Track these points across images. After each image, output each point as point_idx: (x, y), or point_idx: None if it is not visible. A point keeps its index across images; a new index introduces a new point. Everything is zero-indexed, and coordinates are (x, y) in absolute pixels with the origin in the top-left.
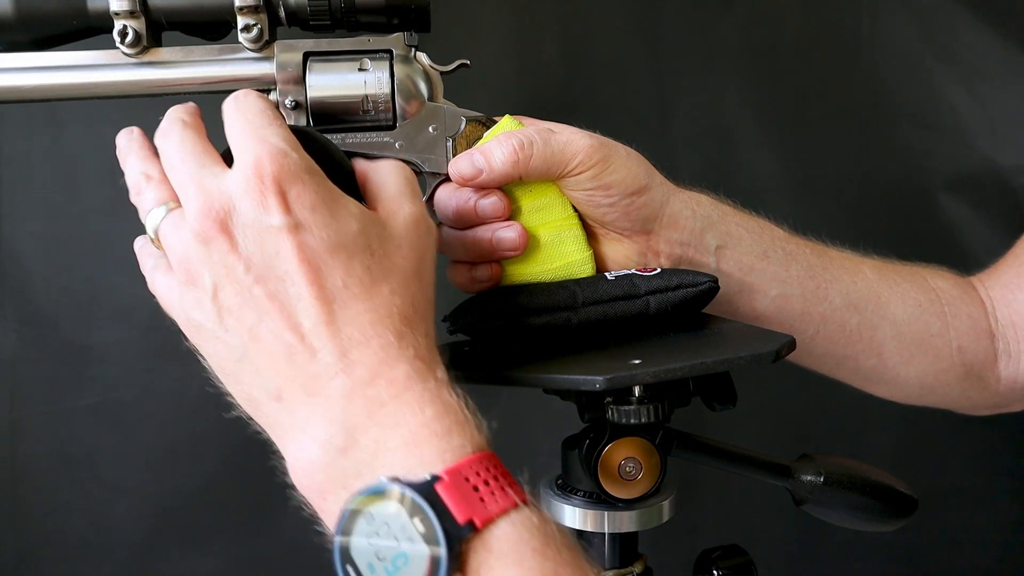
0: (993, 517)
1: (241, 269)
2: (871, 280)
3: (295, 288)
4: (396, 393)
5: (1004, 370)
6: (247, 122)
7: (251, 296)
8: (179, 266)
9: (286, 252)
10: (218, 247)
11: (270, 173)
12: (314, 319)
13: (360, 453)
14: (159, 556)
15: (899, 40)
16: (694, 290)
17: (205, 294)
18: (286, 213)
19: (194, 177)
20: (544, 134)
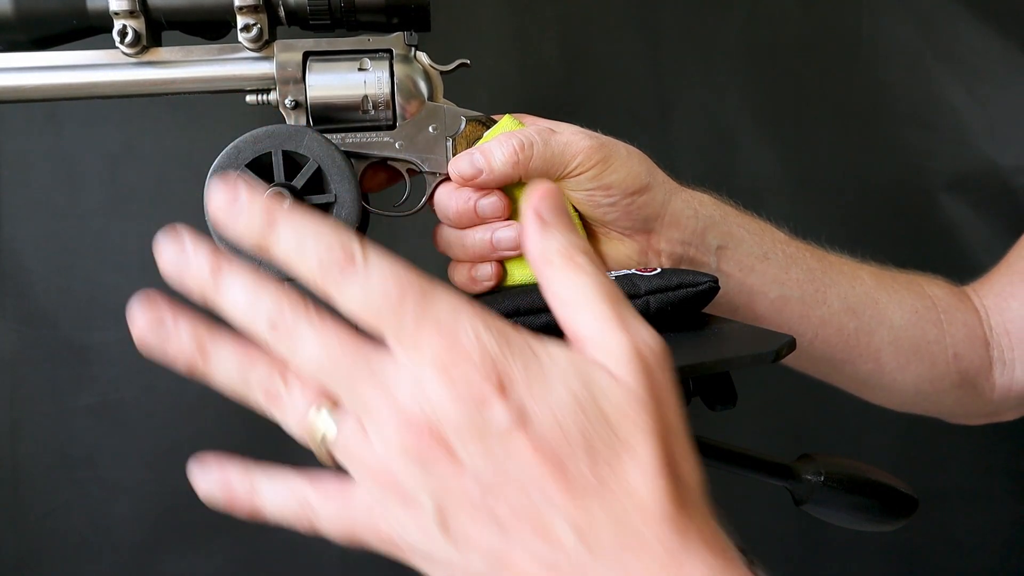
0: (993, 517)
1: (471, 488)
2: (869, 286)
3: (542, 494)
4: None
5: (999, 378)
6: (401, 303)
7: (491, 516)
8: (383, 485)
9: (521, 454)
10: (436, 465)
11: (471, 363)
12: (571, 528)
13: None
14: (159, 556)
15: (899, 40)
16: (694, 290)
17: (427, 517)
18: (507, 407)
19: (373, 383)
20: (544, 134)
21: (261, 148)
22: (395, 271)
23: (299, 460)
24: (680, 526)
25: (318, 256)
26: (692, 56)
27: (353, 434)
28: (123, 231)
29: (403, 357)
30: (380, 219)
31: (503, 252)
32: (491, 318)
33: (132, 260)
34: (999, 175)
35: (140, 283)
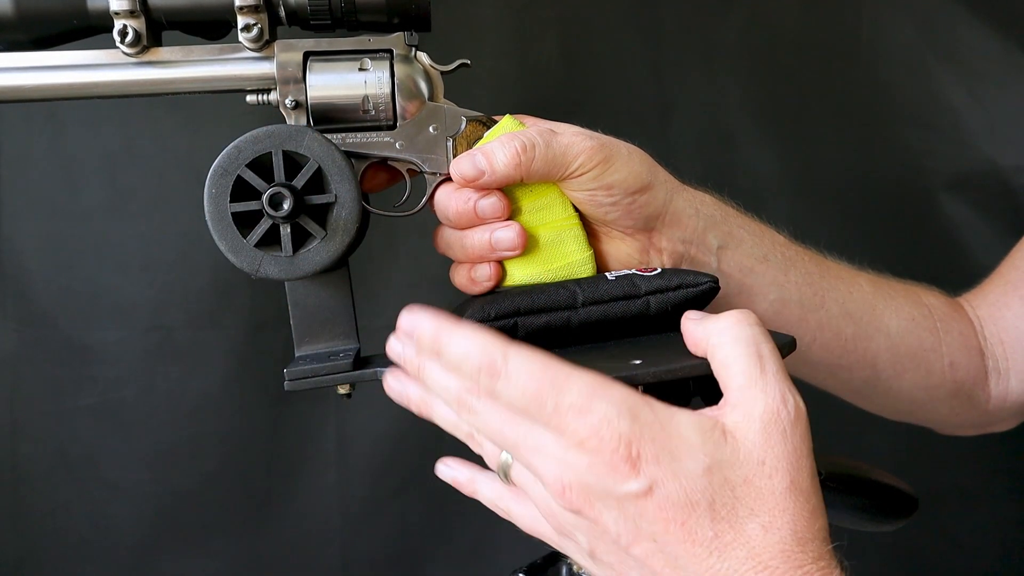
0: (993, 517)
1: (612, 537)
2: (867, 292)
3: (670, 548)
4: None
5: (994, 388)
6: (544, 397)
7: (629, 557)
8: (547, 516)
9: (648, 517)
10: (585, 517)
11: (605, 442)
12: (697, 572)
13: None
14: (159, 556)
15: (899, 40)
16: (694, 290)
17: (581, 550)
18: (635, 478)
19: (530, 456)
20: (546, 136)
21: (261, 148)
22: (532, 368)
23: (292, 460)
24: (787, 573)
25: (471, 369)
26: (692, 56)
27: (527, 480)
28: (123, 231)
29: (551, 439)
30: (380, 219)
31: (502, 252)
32: (622, 394)
33: (132, 260)
34: (999, 175)
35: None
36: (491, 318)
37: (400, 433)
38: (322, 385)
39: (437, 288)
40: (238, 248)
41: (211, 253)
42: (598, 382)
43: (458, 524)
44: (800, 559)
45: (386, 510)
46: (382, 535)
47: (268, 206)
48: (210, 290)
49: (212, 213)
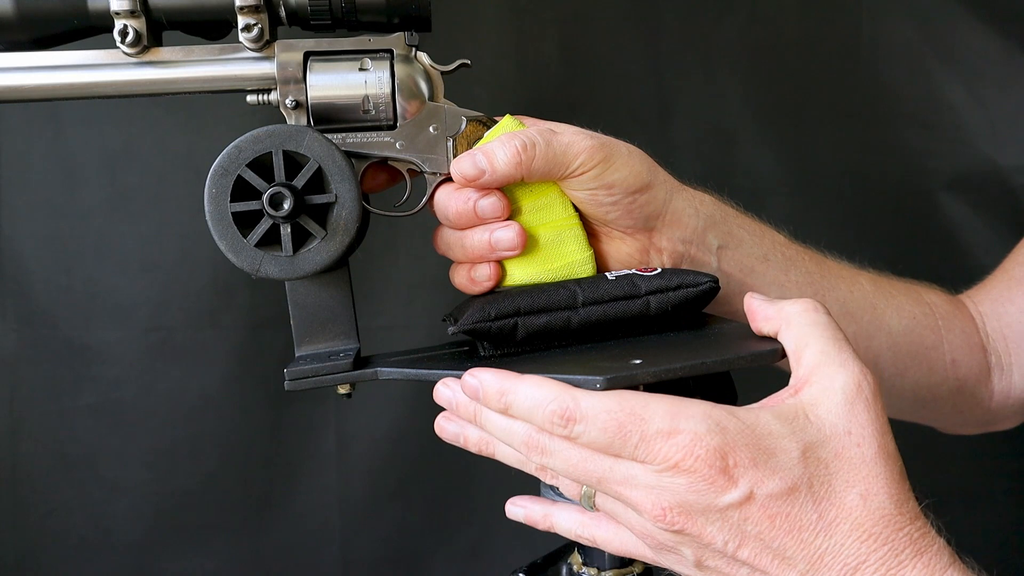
0: (993, 517)
1: (719, 546)
2: (868, 291)
3: (777, 542)
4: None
5: (997, 384)
6: (625, 438)
7: (736, 561)
8: (644, 538)
9: (752, 520)
10: (688, 534)
11: (701, 459)
12: (805, 561)
13: None
14: (159, 556)
15: (899, 40)
16: (694, 290)
17: (685, 562)
18: (734, 488)
19: (622, 487)
20: (546, 135)
21: (262, 148)
22: (608, 405)
23: (292, 460)
24: (887, 539)
25: (543, 419)
26: (692, 56)
27: (615, 507)
28: (123, 231)
29: (640, 468)
30: (380, 219)
31: (502, 252)
32: (704, 409)
33: (132, 260)
34: (999, 175)
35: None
36: (491, 318)
37: (400, 433)
38: (322, 385)
39: (437, 288)
40: (238, 248)
41: (211, 253)
42: (677, 403)
43: (458, 524)
44: (900, 521)
45: (386, 510)
46: (382, 535)
47: (268, 206)
48: (210, 290)
49: (212, 213)
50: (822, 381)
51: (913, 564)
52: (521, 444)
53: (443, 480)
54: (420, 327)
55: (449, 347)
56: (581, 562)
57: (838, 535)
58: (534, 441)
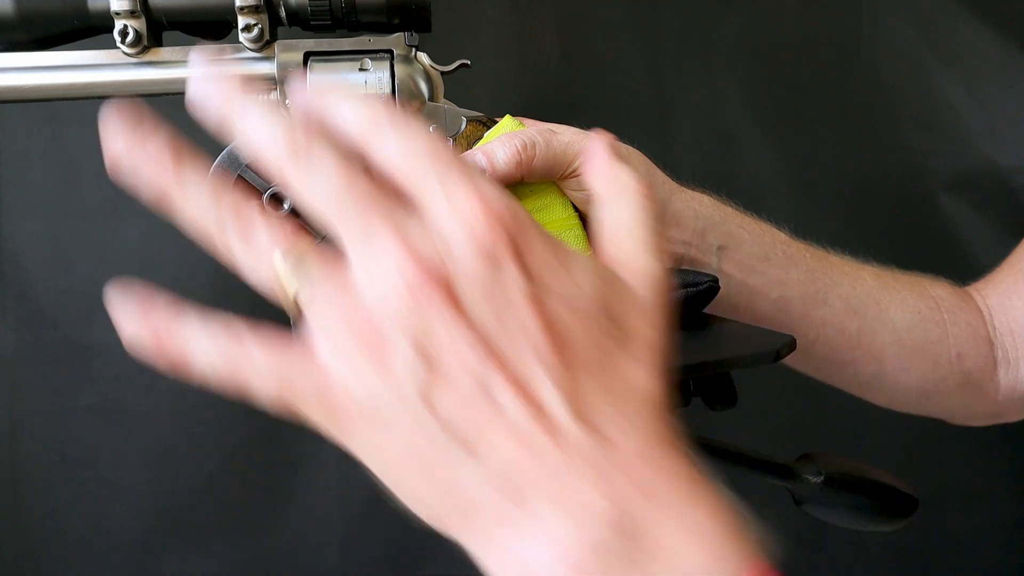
0: (993, 517)
1: (468, 340)
2: (871, 286)
3: (538, 366)
4: (680, 489)
5: (1003, 378)
6: (446, 161)
7: (479, 370)
8: (358, 328)
9: (530, 323)
10: (433, 307)
11: (499, 221)
12: (560, 400)
13: (642, 556)
14: (159, 556)
15: (899, 40)
16: (694, 290)
17: (400, 364)
18: (526, 275)
19: (384, 216)
20: (546, 135)
21: None
22: (419, 127)
23: (292, 460)
24: (659, 412)
25: (361, 115)
26: (692, 56)
27: (337, 277)
28: (123, 231)
29: (434, 204)
30: None
31: None
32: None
33: (132, 260)
34: (999, 175)
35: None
36: None
37: None
38: None
39: None
40: None
41: None
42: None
43: None
44: (666, 407)
45: (386, 510)
46: (382, 535)
47: (268, 206)
48: (210, 290)
49: None
50: (632, 265)
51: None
52: (286, 148)
53: None
54: None
55: None
56: None
57: (614, 389)
58: (309, 146)
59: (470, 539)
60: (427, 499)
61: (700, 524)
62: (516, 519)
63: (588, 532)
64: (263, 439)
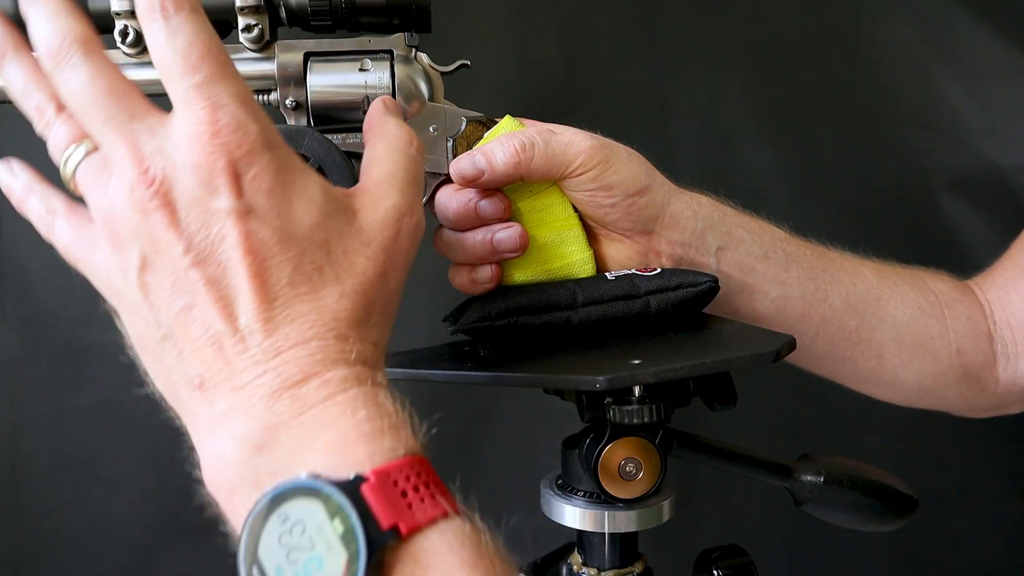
0: (993, 517)
1: (179, 249)
2: (871, 282)
3: (236, 279)
4: (328, 394)
5: (1002, 372)
6: (192, 69)
7: (185, 279)
8: (103, 224)
9: (232, 239)
10: (155, 220)
11: (222, 145)
12: (251, 314)
13: (279, 452)
14: (159, 556)
15: (899, 40)
16: (694, 290)
17: (131, 265)
18: (237, 196)
19: (125, 132)
20: (545, 135)
21: None
22: (199, 29)
23: None
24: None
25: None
26: (692, 56)
27: (93, 173)
28: None
29: (172, 118)
30: None
31: (503, 254)
32: (267, 118)
33: None
34: (999, 175)
35: None
36: (492, 317)
37: None
38: None
39: (437, 288)
40: None
41: None
42: (247, 90)
43: None
44: (357, 334)
45: None
46: None
47: None
48: None
49: None
50: (376, 196)
51: (348, 364)
52: (46, 49)
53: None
54: (420, 327)
55: (449, 347)
56: (581, 562)
57: (295, 310)
58: (65, 50)
59: (192, 431)
60: (160, 384)
61: (340, 435)
62: (206, 417)
63: (244, 433)
64: None
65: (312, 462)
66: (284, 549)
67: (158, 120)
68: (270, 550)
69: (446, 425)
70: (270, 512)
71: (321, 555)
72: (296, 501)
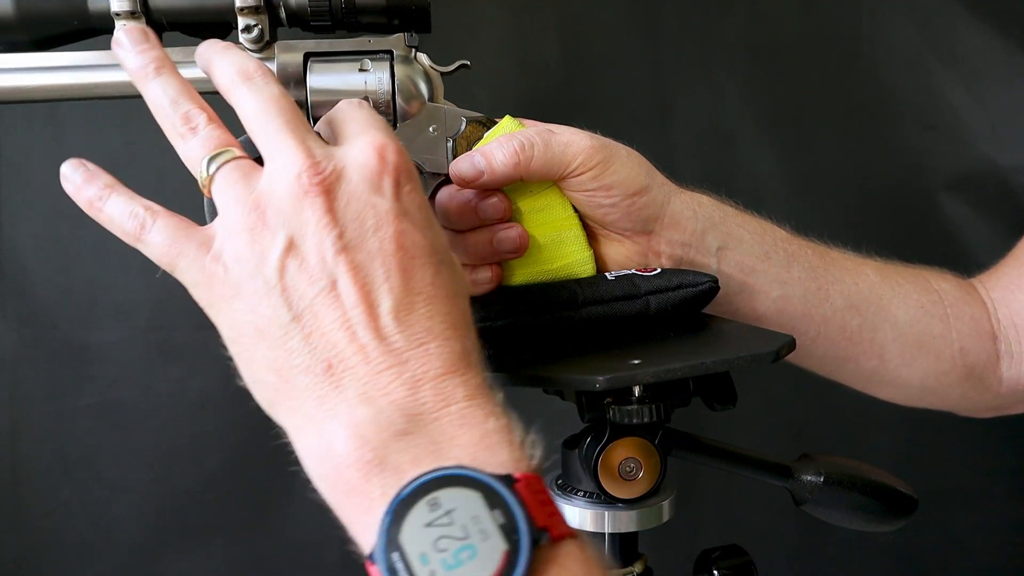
0: (993, 517)
1: (333, 234)
2: (873, 281)
3: (384, 270)
4: (468, 395)
5: (1006, 371)
6: (369, 116)
7: (331, 263)
8: (249, 213)
9: (386, 233)
10: (314, 203)
11: (393, 161)
12: (393, 304)
13: (423, 440)
14: (159, 556)
15: (899, 40)
16: (694, 290)
17: (275, 247)
18: (397, 200)
19: (299, 136)
20: (545, 135)
21: None
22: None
23: (293, 460)
24: (475, 347)
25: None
26: (692, 56)
27: (242, 173)
28: None
29: (348, 141)
30: None
31: (504, 254)
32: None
33: (132, 260)
34: (999, 175)
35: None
36: (492, 317)
37: None
38: None
39: None
40: None
41: None
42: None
43: None
44: (479, 353)
45: None
46: None
47: None
48: None
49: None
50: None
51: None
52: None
53: None
54: None
55: None
56: None
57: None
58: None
59: (292, 420)
60: (261, 376)
61: (483, 436)
62: (332, 401)
63: (383, 416)
64: (263, 439)
65: (456, 456)
66: (431, 536)
67: (326, 141)
68: (415, 537)
69: None
70: (418, 498)
71: (475, 545)
72: (450, 490)
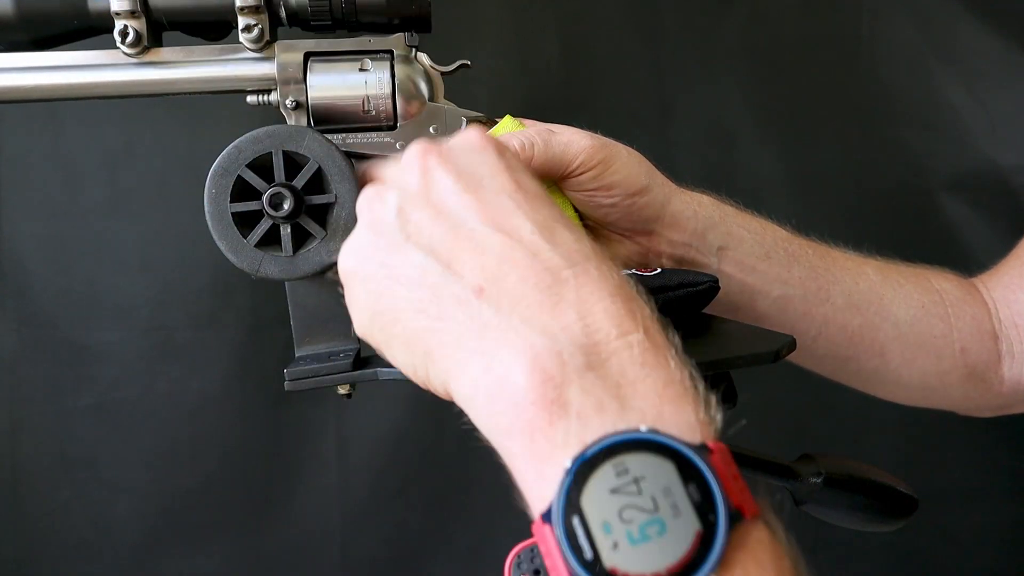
0: (993, 517)
1: (453, 181)
2: (874, 281)
3: (512, 202)
4: (645, 326)
5: (1007, 371)
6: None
7: (458, 203)
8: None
9: (503, 178)
10: (431, 163)
11: (491, 139)
12: (533, 227)
13: (605, 381)
14: (159, 556)
15: (899, 40)
16: (694, 290)
17: (388, 208)
18: (502, 158)
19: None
20: (545, 135)
21: (262, 148)
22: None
23: (292, 460)
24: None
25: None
26: (692, 56)
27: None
28: (123, 231)
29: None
30: None
31: None
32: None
33: (132, 260)
34: (999, 175)
35: (140, 283)
36: None
37: (400, 433)
38: (322, 385)
39: None
40: (238, 248)
41: (211, 253)
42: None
43: (458, 524)
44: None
45: (386, 510)
46: (382, 535)
47: (268, 206)
48: (210, 290)
49: (212, 213)
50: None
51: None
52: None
53: (443, 480)
54: None
55: None
56: None
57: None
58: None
59: (456, 356)
60: (411, 310)
61: (666, 383)
62: (499, 329)
63: (559, 346)
64: (263, 439)
65: (640, 408)
66: (616, 504)
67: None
68: (598, 501)
69: (447, 425)
70: (605, 459)
71: (665, 520)
72: (640, 455)
